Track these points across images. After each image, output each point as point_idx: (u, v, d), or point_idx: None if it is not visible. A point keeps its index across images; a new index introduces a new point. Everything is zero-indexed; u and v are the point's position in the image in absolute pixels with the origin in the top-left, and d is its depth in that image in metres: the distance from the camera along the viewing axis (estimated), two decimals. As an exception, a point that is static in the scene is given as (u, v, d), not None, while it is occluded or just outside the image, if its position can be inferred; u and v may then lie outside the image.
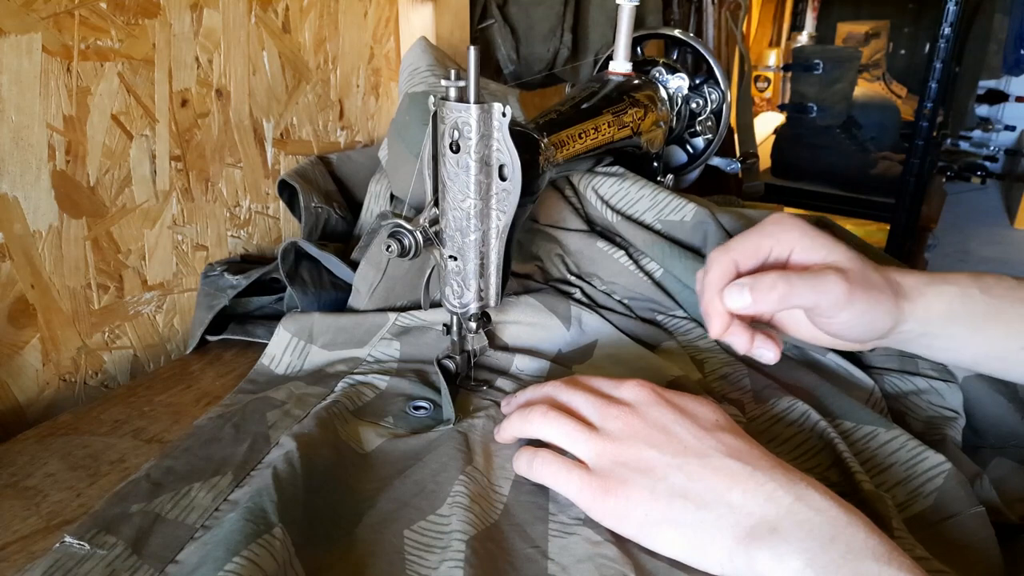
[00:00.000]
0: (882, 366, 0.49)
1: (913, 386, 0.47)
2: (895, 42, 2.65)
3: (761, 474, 0.32)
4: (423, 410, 0.46)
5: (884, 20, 2.59)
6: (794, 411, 0.44)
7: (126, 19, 0.53)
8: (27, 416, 0.51)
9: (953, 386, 0.46)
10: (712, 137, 0.71)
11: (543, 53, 0.98)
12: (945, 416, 0.45)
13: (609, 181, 0.61)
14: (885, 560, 0.28)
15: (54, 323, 0.52)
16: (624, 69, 0.62)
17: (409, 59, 0.70)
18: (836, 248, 0.41)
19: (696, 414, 0.37)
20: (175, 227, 0.61)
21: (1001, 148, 2.88)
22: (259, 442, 0.42)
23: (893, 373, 0.48)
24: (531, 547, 0.35)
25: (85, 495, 0.39)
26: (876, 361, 0.50)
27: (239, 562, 0.30)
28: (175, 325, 0.62)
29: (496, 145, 0.42)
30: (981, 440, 0.44)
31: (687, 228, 0.58)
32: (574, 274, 0.60)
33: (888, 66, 2.54)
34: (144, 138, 0.56)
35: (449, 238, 0.44)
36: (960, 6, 1.59)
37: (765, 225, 0.43)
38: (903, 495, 0.38)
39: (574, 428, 0.37)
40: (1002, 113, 2.97)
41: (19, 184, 0.48)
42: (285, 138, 0.71)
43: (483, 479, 0.39)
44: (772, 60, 2.57)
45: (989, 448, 0.43)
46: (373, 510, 0.37)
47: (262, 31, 0.66)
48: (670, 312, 0.57)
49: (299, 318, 0.53)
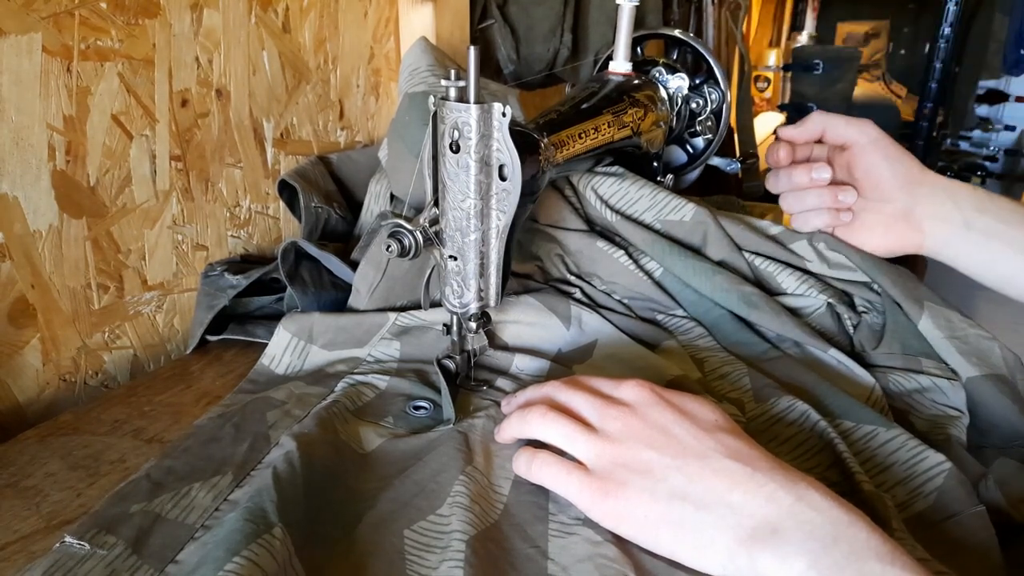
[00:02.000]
0: (886, 364, 0.49)
1: (917, 384, 0.47)
2: (895, 42, 2.65)
3: (761, 475, 0.32)
4: (423, 410, 0.46)
5: (884, 20, 2.59)
6: (794, 411, 0.44)
7: (126, 19, 0.53)
8: (27, 416, 0.51)
9: (956, 384, 0.46)
10: (712, 137, 0.71)
11: (543, 53, 0.98)
12: (949, 415, 0.44)
13: (609, 181, 0.61)
14: (888, 560, 0.28)
15: (54, 323, 0.52)
16: (624, 69, 0.62)
17: (409, 59, 0.70)
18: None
19: (696, 415, 0.37)
20: (175, 227, 0.61)
21: (1001, 148, 2.88)
22: (259, 442, 0.42)
23: (897, 372, 0.48)
24: (531, 547, 0.35)
25: (85, 495, 0.39)
26: (880, 360, 0.50)
27: (239, 562, 0.30)
28: (175, 325, 0.62)
29: (496, 145, 0.42)
30: (985, 440, 0.44)
31: (686, 228, 0.58)
32: (574, 274, 0.60)
33: (888, 66, 2.54)
34: (144, 138, 0.56)
35: (449, 238, 0.44)
36: (960, 6, 1.59)
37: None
38: (903, 495, 0.38)
39: (573, 429, 0.37)
40: (1002, 113, 2.96)
41: (19, 184, 0.48)
42: (285, 138, 0.71)
43: (483, 479, 0.39)
44: (772, 60, 2.57)
45: (993, 448, 0.43)
46: (373, 510, 0.37)
47: (262, 31, 0.66)
48: (670, 311, 0.57)
49: (299, 318, 0.53)
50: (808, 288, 0.54)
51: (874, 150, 0.53)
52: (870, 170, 0.53)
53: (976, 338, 0.48)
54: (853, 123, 0.54)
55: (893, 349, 0.49)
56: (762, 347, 0.53)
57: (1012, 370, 0.46)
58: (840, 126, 0.54)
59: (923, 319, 0.50)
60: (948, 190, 0.52)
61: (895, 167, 0.53)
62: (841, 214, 0.55)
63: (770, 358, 0.51)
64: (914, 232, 0.53)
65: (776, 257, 0.57)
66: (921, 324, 0.50)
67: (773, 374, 0.49)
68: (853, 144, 0.54)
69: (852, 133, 0.54)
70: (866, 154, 0.53)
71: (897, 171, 0.53)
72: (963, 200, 0.51)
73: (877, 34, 2.56)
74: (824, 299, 0.54)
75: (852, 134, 0.54)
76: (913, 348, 0.49)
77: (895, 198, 0.53)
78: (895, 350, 0.49)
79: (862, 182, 0.54)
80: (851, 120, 0.54)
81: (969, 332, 0.48)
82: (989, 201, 0.51)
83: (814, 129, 0.56)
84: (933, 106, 1.67)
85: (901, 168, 0.53)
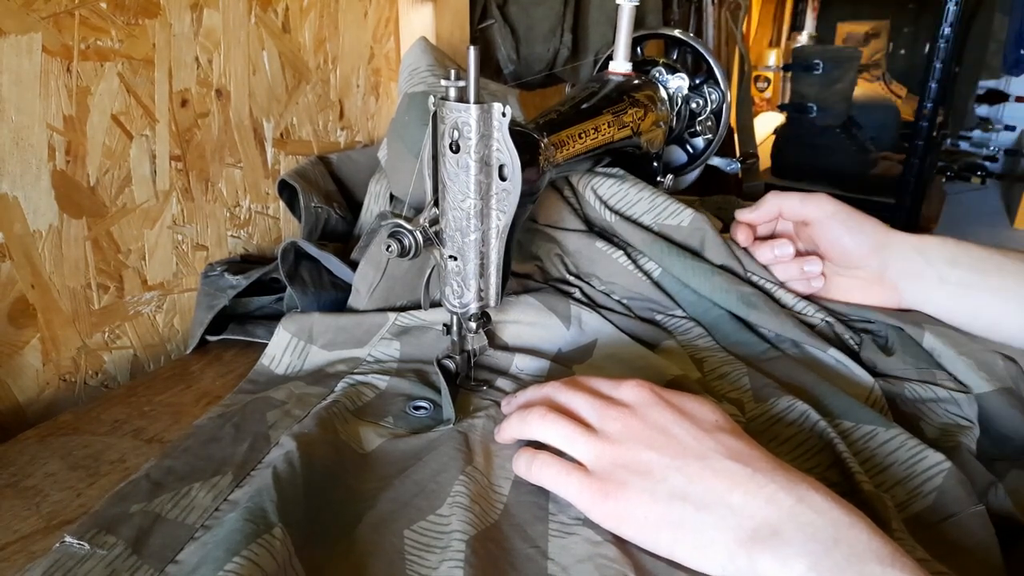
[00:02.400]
0: (901, 375, 0.49)
1: (932, 394, 0.46)
2: (895, 42, 2.65)
3: (761, 476, 0.32)
4: (423, 410, 0.46)
5: (884, 20, 2.59)
6: (794, 411, 0.44)
7: (126, 19, 0.53)
8: (27, 416, 0.51)
9: (971, 397, 0.46)
10: (712, 137, 0.71)
11: (543, 53, 0.97)
12: (960, 424, 0.44)
13: (608, 182, 0.61)
14: (889, 562, 0.28)
15: (54, 323, 0.52)
16: (624, 69, 0.62)
17: (409, 59, 0.70)
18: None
19: (695, 415, 0.37)
20: (175, 227, 0.61)
21: (1001, 148, 2.88)
22: (259, 442, 0.42)
23: (913, 381, 0.48)
24: (531, 547, 0.35)
25: (85, 495, 0.39)
26: (895, 370, 0.49)
27: (239, 562, 0.30)
28: (175, 325, 0.62)
29: (496, 145, 0.42)
30: (999, 453, 0.44)
31: (684, 232, 0.58)
32: (573, 274, 0.60)
33: (888, 66, 2.54)
34: (144, 138, 0.56)
35: (449, 238, 0.44)
36: (960, 6, 1.59)
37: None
38: (902, 495, 0.38)
39: (573, 430, 0.37)
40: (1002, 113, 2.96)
41: (19, 184, 0.48)
42: (285, 138, 0.71)
43: (483, 479, 0.39)
44: (772, 60, 2.57)
45: (1005, 460, 0.43)
46: (373, 510, 0.37)
47: (262, 31, 0.66)
48: (669, 312, 0.57)
49: (299, 318, 0.53)
50: (806, 306, 0.54)
51: (834, 224, 0.53)
52: (834, 242, 0.53)
53: (980, 352, 0.48)
54: (808, 200, 0.54)
55: (907, 363, 0.49)
56: (761, 347, 0.53)
57: (1016, 380, 0.46)
58: (796, 206, 0.55)
59: (927, 337, 0.50)
60: (917, 247, 0.52)
61: (857, 237, 0.53)
62: (812, 281, 0.56)
63: (769, 358, 0.51)
64: (890, 292, 0.54)
65: (772, 279, 0.57)
66: (926, 341, 0.50)
67: (772, 374, 0.49)
68: (812, 221, 0.54)
69: (809, 210, 0.54)
70: (826, 228, 0.53)
71: (860, 240, 0.53)
72: (933, 255, 0.51)
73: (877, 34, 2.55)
74: (822, 317, 0.54)
75: (809, 211, 0.54)
76: (925, 364, 0.49)
77: (865, 264, 0.54)
78: (908, 363, 0.49)
79: (829, 253, 0.55)
80: (806, 197, 0.54)
81: (973, 347, 0.48)
82: (960, 252, 0.51)
83: (770, 211, 0.57)
84: (933, 106, 1.67)
85: (864, 236, 0.53)
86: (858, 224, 0.53)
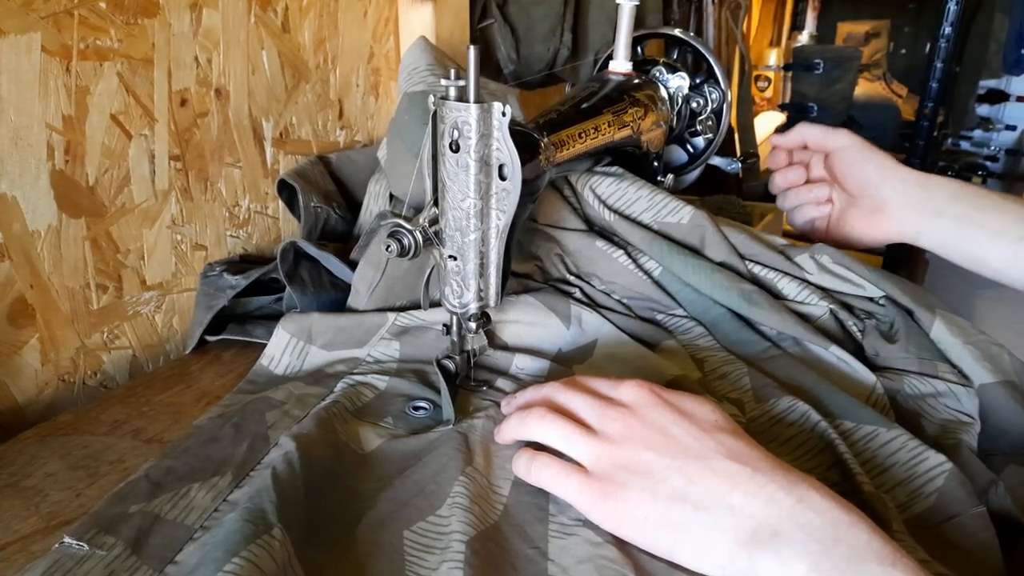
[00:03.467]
0: (901, 367, 0.49)
1: (932, 388, 0.46)
2: (895, 42, 2.65)
3: (761, 476, 0.32)
4: (423, 410, 0.46)
5: (884, 20, 2.59)
6: (794, 411, 0.44)
7: (125, 19, 0.53)
8: (26, 416, 0.51)
9: (971, 391, 0.45)
10: (712, 137, 0.71)
11: (543, 53, 0.97)
12: (961, 420, 0.44)
13: (607, 181, 0.61)
14: (889, 563, 0.28)
15: (53, 323, 0.52)
16: (624, 69, 0.62)
17: (409, 58, 0.70)
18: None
19: (695, 415, 0.37)
20: (174, 227, 0.61)
21: (1002, 148, 2.88)
22: (258, 442, 0.42)
23: (912, 375, 0.48)
24: (531, 548, 0.35)
25: (85, 495, 0.39)
26: (895, 361, 0.49)
27: (238, 563, 0.29)
28: (174, 325, 0.62)
29: (496, 145, 0.42)
30: (994, 446, 0.44)
31: (683, 230, 0.58)
32: (573, 274, 0.60)
33: (888, 66, 2.54)
34: (143, 138, 0.56)
35: (449, 238, 0.44)
36: (960, 6, 1.58)
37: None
38: (903, 496, 0.38)
39: (572, 431, 0.37)
40: (1003, 113, 2.96)
41: (18, 184, 0.48)
42: (284, 138, 0.71)
43: (483, 480, 0.39)
44: (772, 60, 2.56)
45: (1002, 455, 0.43)
46: (373, 511, 0.37)
47: (262, 31, 0.66)
48: (669, 311, 0.57)
49: (298, 318, 0.53)
50: (809, 295, 0.54)
51: (851, 152, 0.61)
52: (849, 169, 0.61)
53: (987, 344, 0.48)
54: (831, 132, 0.63)
55: (909, 352, 0.49)
56: (762, 345, 0.52)
57: (1020, 375, 0.46)
58: (819, 136, 0.64)
59: (936, 325, 0.49)
60: (920, 182, 0.57)
61: (868, 166, 0.60)
62: (820, 206, 0.64)
63: (770, 356, 0.51)
64: (888, 222, 0.59)
65: (776, 267, 0.57)
66: (934, 331, 0.50)
67: (773, 373, 0.49)
68: (832, 150, 0.63)
69: (830, 140, 0.63)
70: (844, 157, 0.61)
71: (872, 169, 0.59)
72: (936, 190, 0.56)
73: (877, 34, 2.55)
74: (826, 305, 0.53)
75: (830, 141, 0.63)
76: (928, 353, 0.49)
77: (874, 192, 0.59)
78: (911, 353, 0.49)
79: (843, 180, 0.62)
80: (828, 129, 0.64)
81: (980, 338, 0.48)
82: (964, 191, 0.56)
83: (796, 139, 0.66)
84: (934, 106, 1.67)
85: (874, 166, 0.59)
86: (872, 155, 0.60)
